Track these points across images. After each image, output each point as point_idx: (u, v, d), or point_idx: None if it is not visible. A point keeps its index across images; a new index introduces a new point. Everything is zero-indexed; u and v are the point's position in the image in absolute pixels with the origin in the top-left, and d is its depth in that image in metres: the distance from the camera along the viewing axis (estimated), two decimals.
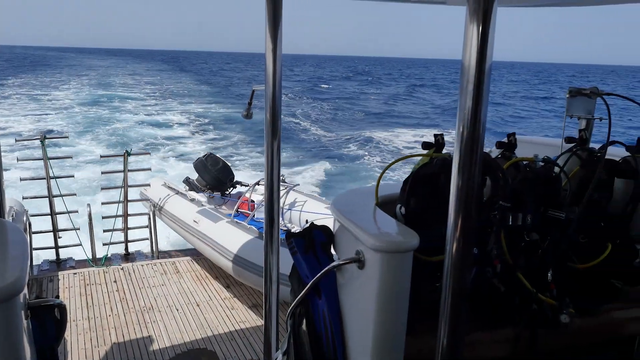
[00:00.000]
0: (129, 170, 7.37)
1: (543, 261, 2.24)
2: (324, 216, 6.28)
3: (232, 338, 5.31)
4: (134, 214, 7.84)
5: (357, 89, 57.46)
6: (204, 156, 8.23)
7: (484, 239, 2.18)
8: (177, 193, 7.74)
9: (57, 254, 7.21)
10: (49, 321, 2.26)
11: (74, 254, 7.36)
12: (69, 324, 5.32)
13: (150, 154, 9.43)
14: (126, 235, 7.61)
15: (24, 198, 6.73)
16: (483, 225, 2.18)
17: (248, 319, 5.73)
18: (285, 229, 6.73)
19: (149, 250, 7.69)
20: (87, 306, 5.93)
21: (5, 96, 38.32)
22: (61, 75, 61.13)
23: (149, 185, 8.21)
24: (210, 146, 23.11)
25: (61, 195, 7.09)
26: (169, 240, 8.82)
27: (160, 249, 7.67)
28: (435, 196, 2.11)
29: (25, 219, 5.87)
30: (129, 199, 7.57)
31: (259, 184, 7.44)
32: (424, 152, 2.30)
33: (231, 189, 8.20)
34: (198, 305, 6.00)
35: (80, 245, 7.23)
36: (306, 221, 6.26)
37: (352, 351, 2.10)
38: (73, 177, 8.03)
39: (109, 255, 7.37)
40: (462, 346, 1.69)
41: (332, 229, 2.37)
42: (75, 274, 6.77)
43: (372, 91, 55.97)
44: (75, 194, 7.52)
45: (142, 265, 7.08)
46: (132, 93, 44.60)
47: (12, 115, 29.55)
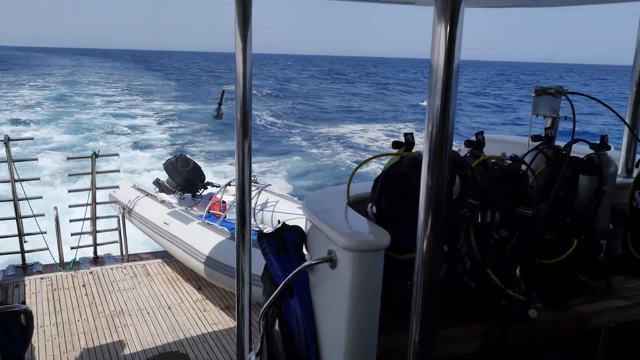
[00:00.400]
0: (97, 172, 7.24)
1: (511, 257, 2.27)
2: (296, 216, 6.27)
3: (204, 340, 5.26)
4: (102, 217, 7.71)
5: (327, 88, 57.59)
6: (174, 157, 8.14)
7: (454, 236, 2.21)
8: (147, 195, 7.63)
9: (23, 258, 7.04)
10: (15, 327, 2.20)
11: (40, 258, 7.20)
12: (36, 330, 5.19)
13: (118, 155, 9.29)
14: (95, 239, 7.48)
15: None
16: (453, 223, 2.20)
17: (220, 320, 5.68)
18: (257, 229, 6.70)
19: (119, 253, 7.57)
20: (55, 311, 5.80)
21: None
22: (28, 75, 59.78)
23: (117, 187, 8.08)
24: (181, 147, 22.89)
25: (27, 199, 6.92)
26: (139, 242, 8.70)
27: (130, 251, 7.55)
28: (406, 195, 2.13)
29: None
30: (97, 201, 7.43)
31: (230, 185, 7.39)
32: (394, 151, 2.31)
33: (202, 190, 8.13)
34: (169, 308, 5.93)
35: (47, 249, 7.07)
36: (278, 221, 6.25)
37: (325, 350, 2.10)
38: (39, 179, 7.85)
39: (77, 259, 7.23)
40: (434, 343, 1.71)
41: (304, 228, 2.37)
42: (42, 278, 6.62)
43: (342, 90, 56.19)
44: (42, 197, 7.35)
45: (112, 269, 6.96)
46: (99, 91, 43.93)
47: None
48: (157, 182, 8.21)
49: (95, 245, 7.47)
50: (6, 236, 6.90)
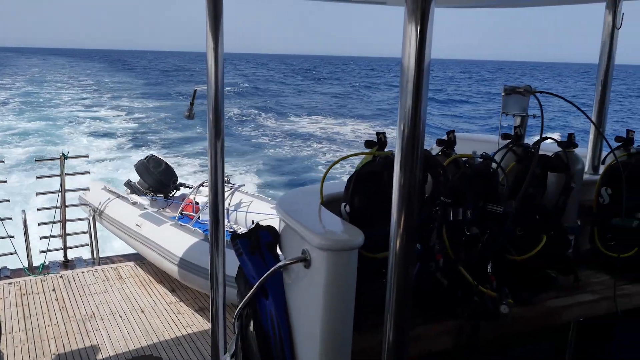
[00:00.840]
0: (66, 175, 7.10)
1: (483, 254, 2.31)
2: (269, 216, 6.25)
3: (178, 343, 5.21)
4: (72, 220, 7.57)
5: (298, 87, 57.57)
6: (145, 158, 8.04)
7: (426, 234, 2.23)
8: (118, 197, 7.52)
9: None
10: None
11: (8, 262, 7.03)
12: (4, 337, 5.07)
13: (88, 156, 9.13)
14: (65, 242, 7.34)
15: None
16: (425, 221, 2.22)
17: (195, 322, 5.64)
18: (231, 230, 6.66)
19: (90, 257, 7.44)
20: (23, 317, 5.67)
21: None
22: None
23: (88, 190, 7.94)
24: (152, 148, 22.62)
25: None
26: (110, 245, 8.57)
27: (101, 254, 7.43)
28: (379, 194, 2.14)
29: None
30: (67, 203, 7.29)
31: (203, 186, 7.34)
32: (366, 150, 2.32)
33: (174, 191, 8.05)
34: (142, 311, 5.85)
35: (15, 253, 6.91)
36: (252, 222, 6.22)
37: (300, 350, 2.10)
38: (6, 182, 7.67)
39: (46, 263, 7.08)
40: (408, 340, 1.72)
41: (277, 229, 2.36)
42: (10, 283, 6.47)
43: (314, 88, 56.25)
44: (9, 200, 7.18)
45: (83, 272, 6.84)
46: (68, 90, 43.19)
47: None
48: (128, 184, 8.10)
49: (65, 248, 7.33)
50: None
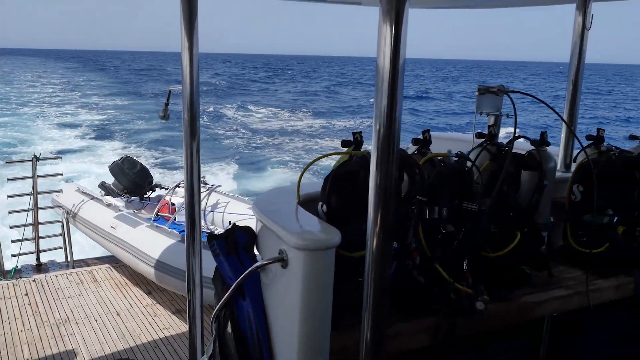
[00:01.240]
0: (38, 176, 6.97)
1: (459, 252, 2.33)
2: (246, 217, 6.23)
3: (155, 346, 5.16)
4: (45, 222, 7.43)
5: (274, 87, 57.44)
6: (120, 159, 7.94)
7: (403, 233, 2.25)
8: (93, 198, 7.41)
9: None
10: None
11: None
12: None
13: (61, 158, 8.97)
14: (37, 245, 7.20)
15: None
16: (402, 220, 2.24)
17: (172, 325, 5.58)
18: (207, 231, 6.62)
19: (64, 260, 7.31)
20: None
21: None
22: None
23: (61, 192, 7.81)
24: (127, 149, 22.33)
25: None
26: (84, 248, 8.43)
27: (75, 257, 7.31)
28: (356, 193, 2.15)
29: None
30: (39, 206, 7.16)
31: (179, 186, 7.26)
32: (343, 150, 2.33)
33: (150, 192, 7.96)
34: (118, 314, 5.78)
35: None
36: (229, 222, 6.19)
37: (278, 350, 2.10)
38: None
39: (18, 267, 6.94)
40: (385, 339, 1.73)
41: (254, 229, 2.35)
42: None
43: (288, 88, 56.19)
44: None
45: (56, 276, 6.73)
46: (38, 90, 42.40)
47: None
48: (102, 185, 7.98)
49: (38, 251, 7.19)
50: None
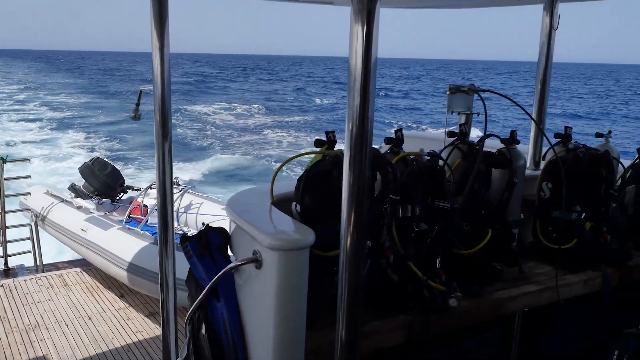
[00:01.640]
0: (5, 179, 6.81)
1: (432, 249, 2.36)
2: (220, 217, 6.19)
3: (128, 350, 5.08)
4: (13, 226, 7.26)
5: (246, 87, 57.15)
6: (90, 161, 7.81)
7: (376, 231, 2.26)
8: (62, 201, 7.27)
9: None
10: None
11: None
12: None
13: (29, 160, 8.79)
14: (5, 249, 7.03)
15: None
16: (375, 219, 2.25)
17: (145, 328, 5.51)
18: (181, 232, 6.55)
19: (33, 264, 7.16)
20: None
21: None
22: None
23: (29, 194, 7.64)
24: (97, 150, 21.97)
25: None
26: (54, 251, 8.26)
27: (45, 261, 7.16)
28: (329, 193, 2.15)
29: None
30: (6, 209, 7.00)
31: (151, 188, 7.18)
32: (316, 149, 2.33)
33: (122, 194, 7.86)
34: (90, 319, 5.68)
35: None
36: (202, 223, 6.13)
37: (253, 351, 2.09)
38: None
39: None
40: (360, 337, 1.74)
41: (228, 230, 2.34)
42: None
43: (262, 88, 55.98)
44: None
45: (25, 281, 6.57)
46: (3, 91, 41.46)
47: None
48: (72, 188, 7.84)
49: (6, 256, 7.02)
50: None
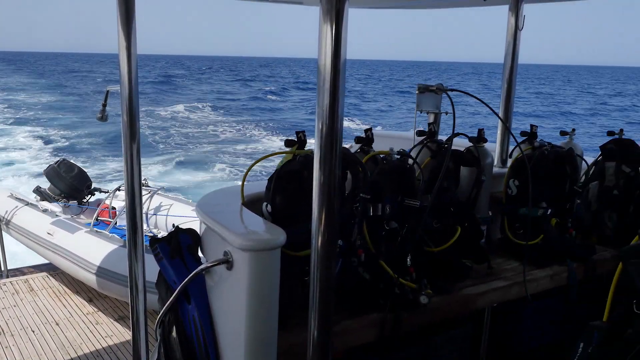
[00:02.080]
0: None
1: (402, 247, 2.38)
2: (190, 219, 6.13)
3: (97, 355, 5.00)
4: None
5: (213, 88, 56.66)
6: (56, 162, 7.64)
7: (348, 230, 2.27)
8: (27, 204, 7.10)
9: None
10: None
11: None
12: None
13: None
14: None
15: None
16: (346, 218, 2.27)
17: (115, 332, 5.42)
18: (150, 235, 6.47)
19: None
20: None
21: None
22: None
23: None
24: (63, 152, 21.51)
25: None
26: (19, 256, 8.06)
27: (9, 266, 6.98)
28: (300, 192, 2.16)
29: None
30: None
31: (119, 190, 7.07)
32: (287, 149, 2.33)
33: (89, 196, 7.71)
34: (57, 324, 5.56)
35: None
36: (173, 225, 6.07)
37: (225, 353, 2.08)
38: None
39: None
40: (332, 336, 1.75)
41: (198, 231, 2.32)
42: None
43: (229, 89, 55.61)
44: None
45: None
46: None
47: None
48: (38, 190, 7.66)
49: None
50: None
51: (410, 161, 2.58)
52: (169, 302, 2.12)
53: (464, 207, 2.80)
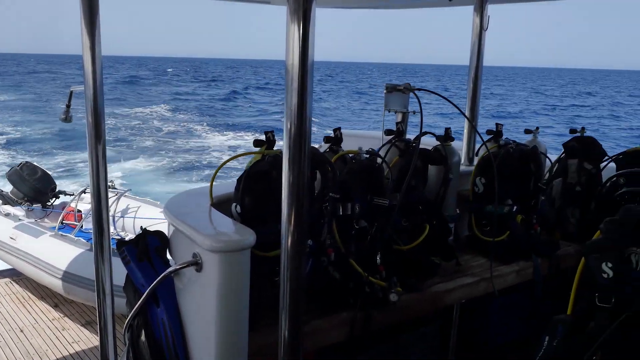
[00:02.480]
0: None
1: (372, 246, 2.40)
2: (159, 221, 6.04)
3: None
4: None
5: (175, 89, 55.95)
6: (19, 165, 7.45)
7: (317, 230, 2.28)
8: None
9: None
10: None
11: None
12: None
13: None
14: None
15: None
16: (316, 217, 2.27)
17: (82, 338, 5.32)
18: (118, 237, 6.37)
19: None
20: None
21: None
22: None
23: None
24: (25, 155, 20.95)
25: None
26: None
27: None
28: (269, 192, 2.15)
29: None
30: None
31: (85, 192, 6.93)
32: (256, 149, 2.32)
33: (54, 199, 7.54)
34: (22, 331, 5.42)
35: None
36: (140, 227, 5.98)
37: (195, 356, 2.06)
38: None
39: None
40: (303, 336, 1.75)
41: (167, 233, 2.30)
42: None
43: (195, 90, 55.05)
44: None
45: None
46: None
47: None
48: None
49: None
50: None
51: (379, 160, 2.60)
52: (137, 305, 2.09)
53: (432, 205, 2.83)
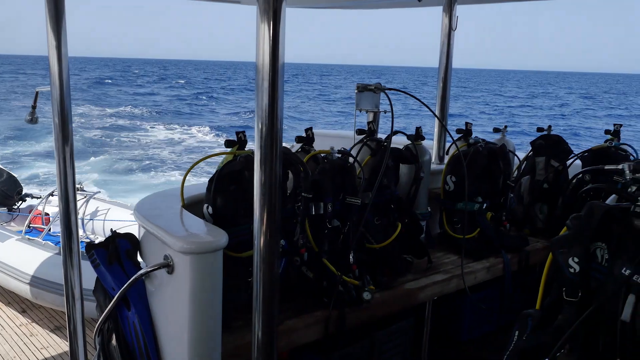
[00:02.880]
0: None
1: (345, 245, 2.41)
2: (129, 223, 5.96)
3: None
4: None
5: (143, 90, 55.22)
6: None
7: (290, 230, 2.28)
8: None
9: None
10: None
11: None
12: None
13: None
14: None
15: None
16: (288, 217, 2.27)
17: (51, 343, 5.21)
18: (87, 241, 6.26)
19: None
20: None
21: None
22: None
23: None
24: None
25: None
26: None
27: None
28: (241, 193, 2.15)
29: None
30: None
31: (53, 195, 6.79)
32: (227, 150, 2.31)
33: (20, 202, 7.37)
34: None
35: None
36: (111, 230, 5.89)
37: (167, 359, 2.04)
38: None
39: None
40: (277, 335, 1.75)
41: (137, 235, 2.27)
42: None
43: (167, 92, 54.43)
44: None
45: None
46: None
47: None
48: None
49: None
50: None
51: (351, 160, 2.61)
52: (107, 309, 2.06)
53: (404, 203, 2.86)
